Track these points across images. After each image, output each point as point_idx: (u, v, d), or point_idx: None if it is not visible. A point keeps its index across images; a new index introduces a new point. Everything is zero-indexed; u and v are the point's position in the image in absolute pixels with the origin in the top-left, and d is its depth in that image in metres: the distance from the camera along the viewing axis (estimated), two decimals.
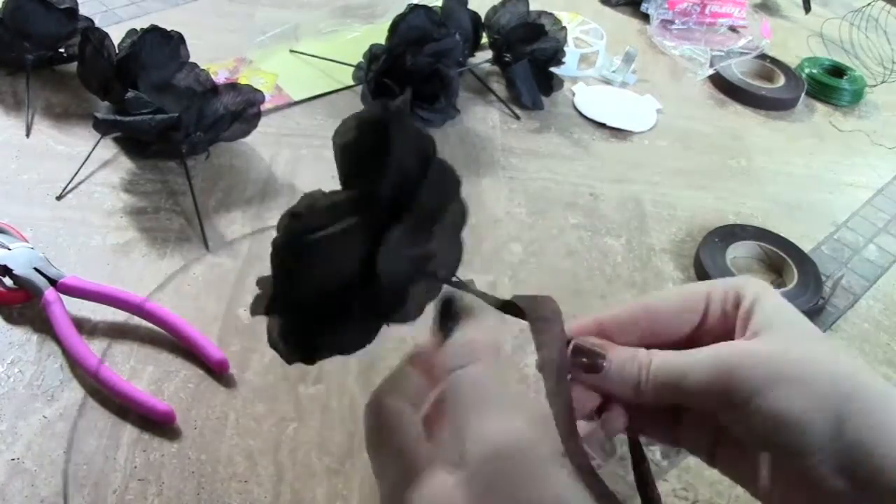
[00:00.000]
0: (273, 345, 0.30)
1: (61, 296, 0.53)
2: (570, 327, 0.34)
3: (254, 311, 0.30)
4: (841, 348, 0.30)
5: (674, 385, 0.30)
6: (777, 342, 0.30)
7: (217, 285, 0.58)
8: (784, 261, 0.67)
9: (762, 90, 0.91)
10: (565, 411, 0.29)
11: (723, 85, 0.92)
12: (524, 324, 0.32)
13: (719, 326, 0.33)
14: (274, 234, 0.28)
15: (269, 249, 0.28)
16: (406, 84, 0.73)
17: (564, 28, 0.84)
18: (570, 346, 0.32)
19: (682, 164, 0.79)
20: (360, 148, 0.28)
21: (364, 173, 0.28)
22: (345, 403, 0.52)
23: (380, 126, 0.28)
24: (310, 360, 0.30)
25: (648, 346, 0.32)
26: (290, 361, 0.31)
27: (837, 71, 0.96)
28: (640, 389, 0.31)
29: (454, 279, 0.31)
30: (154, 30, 0.67)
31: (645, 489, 0.34)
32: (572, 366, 0.32)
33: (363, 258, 0.28)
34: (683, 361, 0.30)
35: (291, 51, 0.86)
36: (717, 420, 0.31)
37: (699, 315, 0.33)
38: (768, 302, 0.31)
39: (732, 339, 0.32)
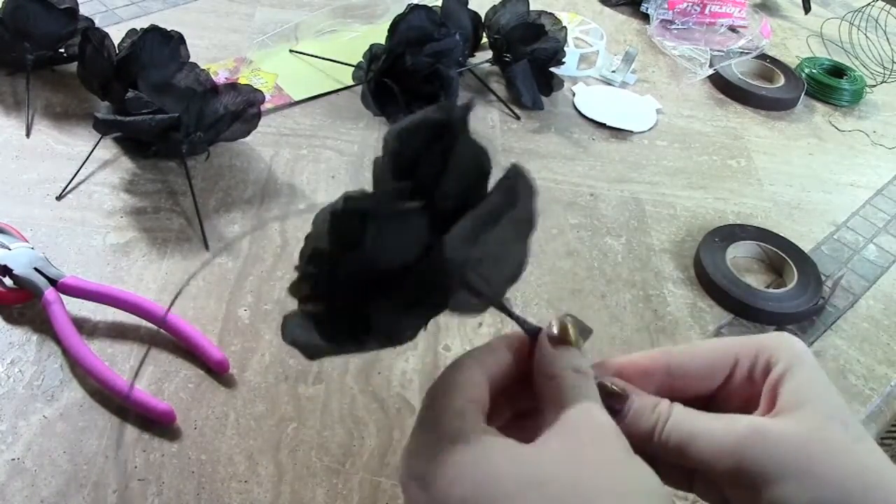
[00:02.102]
0: (293, 339, 0.29)
1: (61, 296, 0.53)
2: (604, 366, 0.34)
3: (296, 291, 0.29)
4: (865, 434, 0.29)
5: (685, 447, 0.30)
6: (799, 427, 0.29)
7: (217, 285, 0.58)
8: (784, 261, 0.67)
9: (762, 90, 0.91)
10: None
11: (723, 85, 0.92)
12: None
13: (744, 389, 0.32)
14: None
15: (309, 229, 0.28)
16: (406, 84, 0.73)
17: (564, 28, 0.84)
18: (599, 383, 0.32)
19: (682, 164, 0.79)
20: (419, 146, 0.28)
21: (420, 172, 0.28)
22: (345, 403, 0.52)
23: (441, 128, 0.28)
24: (342, 347, 0.29)
25: (670, 398, 0.32)
26: (315, 355, 0.29)
27: (837, 71, 0.96)
28: (652, 442, 0.30)
29: (495, 298, 0.31)
30: (154, 30, 0.67)
31: None
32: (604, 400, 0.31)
33: (423, 244, 0.27)
34: (700, 427, 0.30)
35: (291, 51, 0.86)
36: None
37: (724, 376, 0.32)
38: (801, 374, 0.30)
39: (756, 404, 0.31)
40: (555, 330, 0.32)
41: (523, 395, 0.32)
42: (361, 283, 0.28)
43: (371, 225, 0.26)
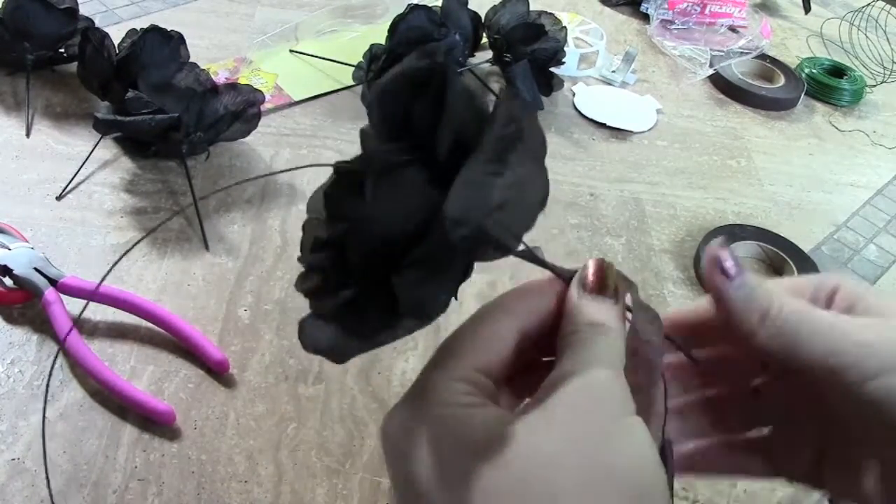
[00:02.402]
0: (316, 345, 0.26)
1: (61, 296, 0.53)
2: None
3: (304, 286, 0.26)
4: None
5: (804, 336, 0.27)
6: None
7: (217, 285, 0.58)
8: (784, 261, 0.67)
9: (762, 90, 0.91)
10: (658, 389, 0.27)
11: (723, 85, 0.92)
12: None
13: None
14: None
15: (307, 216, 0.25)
16: None
17: (564, 28, 0.84)
18: (708, 250, 0.29)
19: (682, 164, 0.79)
20: (406, 103, 0.25)
21: (414, 129, 0.25)
22: (345, 403, 0.52)
23: (427, 76, 0.25)
24: (372, 339, 0.26)
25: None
26: (344, 356, 0.26)
27: (837, 71, 0.96)
28: (761, 326, 0.28)
29: (522, 248, 0.27)
30: (154, 30, 0.67)
31: None
32: (710, 268, 0.29)
33: (432, 203, 0.24)
34: (826, 318, 0.28)
35: (291, 51, 0.86)
36: (821, 427, 0.29)
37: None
38: (874, 295, 0.29)
39: None
40: (589, 274, 0.28)
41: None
42: (376, 257, 0.25)
43: (369, 186, 0.24)
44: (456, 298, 0.26)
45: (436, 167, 0.25)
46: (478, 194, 0.24)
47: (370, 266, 0.25)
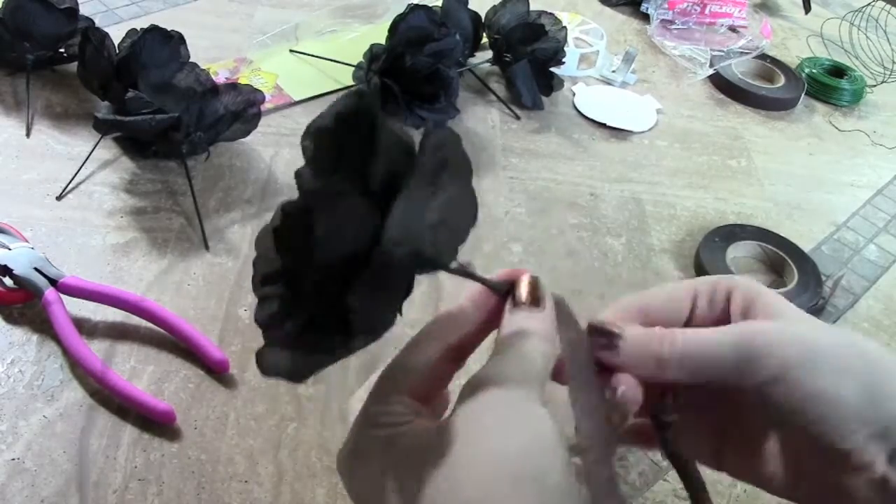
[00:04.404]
0: (276, 370, 0.28)
1: (61, 296, 0.53)
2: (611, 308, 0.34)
3: (262, 316, 0.28)
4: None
5: (702, 359, 0.30)
6: (798, 325, 0.30)
7: (217, 285, 0.58)
8: (784, 261, 0.67)
9: (762, 90, 0.91)
10: (589, 394, 0.29)
11: (723, 85, 0.92)
12: None
13: (708, 319, 0.33)
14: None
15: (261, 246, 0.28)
16: (406, 84, 0.73)
17: (564, 28, 0.84)
18: (587, 327, 0.32)
19: (682, 164, 0.79)
20: (340, 140, 0.27)
21: (346, 165, 0.27)
22: (345, 403, 0.52)
23: (356, 118, 0.27)
24: (328, 357, 0.28)
25: None
26: (302, 375, 0.28)
27: (837, 71, 0.96)
28: (662, 364, 0.31)
29: (455, 265, 0.30)
30: (154, 30, 0.67)
31: None
32: (595, 349, 0.31)
33: (374, 230, 0.26)
34: (710, 337, 0.30)
35: (291, 51, 0.86)
36: (722, 413, 0.31)
37: (688, 307, 0.34)
38: (769, 295, 0.32)
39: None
40: (522, 292, 0.31)
41: None
42: (326, 282, 0.27)
43: (316, 218, 0.26)
44: (401, 314, 0.28)
45: (372, 196, 0.27)
46: (414, 216, 0.26)
47: (322, 291, 0.27)
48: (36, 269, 0.54)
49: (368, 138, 0.27)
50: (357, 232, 0.27)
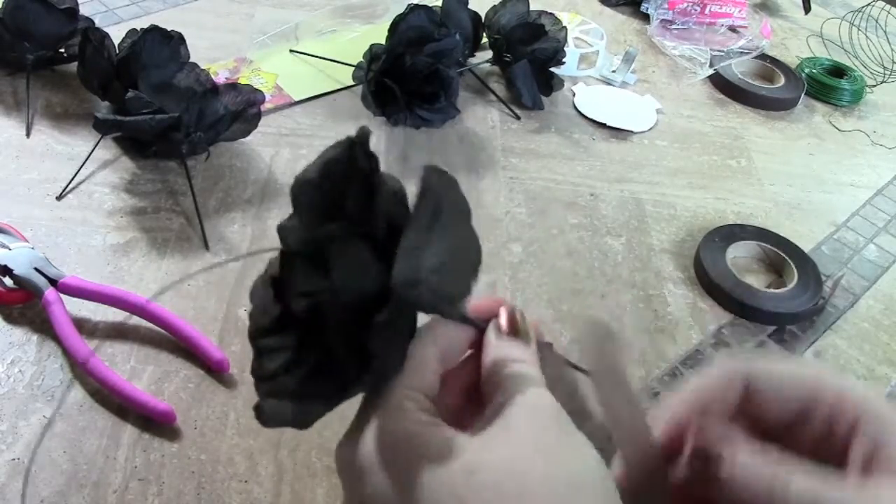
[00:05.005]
0: (280, 419, 0.28)
1: (61, 296, 0.53)
2: (670, 406, 0.31)
3: (266, 370, 0.29)
4: None
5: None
6: None
7: (217, 285, 0.58)
8: (784, 261, 0.67)
9: (762, 90, 0.91)
10: None
11: (723, 85, 0.92)
12: None
13: (820, 433, 0.30)
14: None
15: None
16: (406, 84, 0.73)
17: (564, 28, 0.84)
18: (691, 450, 0.30)
19: (682, 164, 0.79)
20: (330, 188, 0.28)
21: (340, 214, 0.28)
22: (345, 403, 0.51)
23: (345, 167, 0.28)
24: (335, 399, 0.29)
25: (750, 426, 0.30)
26: (306, 423, 0.29)
27: (837, 71, 0.96)
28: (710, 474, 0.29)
29: (464, 315, 0.30)
30: (154, 30, 0.67)
31: None
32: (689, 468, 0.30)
33: (380, 275, 0.27)
34: (832, 497, 0.27)
35: (291, 51, 0.86)
36: None
37: (798, 411, 0.31)
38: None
39: (835, 456, 0.29)
40: (503, 321, 0.31)
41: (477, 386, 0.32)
42: (343, 324, 0.27)
43: (333, 260, 0.27)
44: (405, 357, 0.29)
45: (375, 242, 0.28)
46: (418, 260, 0.27)
47: (340, 334, 0.27)
48: (36, 269, 0.54)
49: (363, 186, 0.27)
50: (369, 274, 0.27)
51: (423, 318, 0.30)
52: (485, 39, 0.86)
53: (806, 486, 0.28)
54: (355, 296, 0.27)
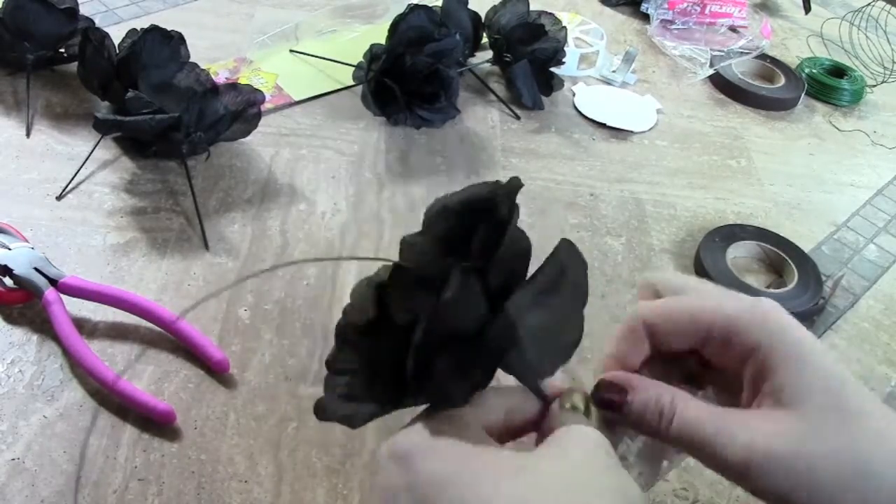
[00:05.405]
0: (338, 415, 0.30)
1: (61, 296, 0.53)
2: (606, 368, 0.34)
3: (338, 362, 0.31)
4: (862, 408, 0.30)
5: (693, 446, 0.31)
6: (794, 436, 0.29)
7: (217, 285, 0.58)
8: (784, 261, 0.67)
9: (762, 90, 0.91)
10: None
11: (723, 85, 0.92)
12: None
13: (720, 357, 0.33)
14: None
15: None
16: (406, 84, 0.73)
17: (564, 28, 0.84)
18: (596, 383, 0.33)
19: (682, 164, 0.79)
20: (467, 223, 0.29)
21: (467, 247, 0.29)
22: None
23: (484, 204, 0.29)
24: (388, 408, 0.30)
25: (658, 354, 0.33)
26: (361, 422, 0.30)
27: (837, 71, 0.96)
28: (659, 434, 0.31)
29: (539, 389, 0.32)
30: (154, 30, 0.67)
31: None
32: (597, 400, 0.32)
33: (483, 313, 0.29)
34: (706, 435, 0.30)
35: (291, 51, 0.86)
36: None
37: (698, 341, 0.33)
38: (785, 364, 0.30)
39: (736, 377, 0.32)
40: (569, 405, 0.32)
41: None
42: (435, 346, 0.28)
43: (453, 287, 0.28)
44: (470, 403, 0.31)
45: (489, 288, 0.29)
46: (519, 321, 0.29)
47: (421, 352, 0.28)
48: (36, 269, 0.54)
49: (495, 232, 0.29)
50: (474, 313, 0.29)
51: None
52: (485, 39, 0.86)
53: (692, 415, 0.31)
54: (453, 328, 0.28)
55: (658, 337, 0.34)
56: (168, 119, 0.62)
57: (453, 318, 0.28)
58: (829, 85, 0.93)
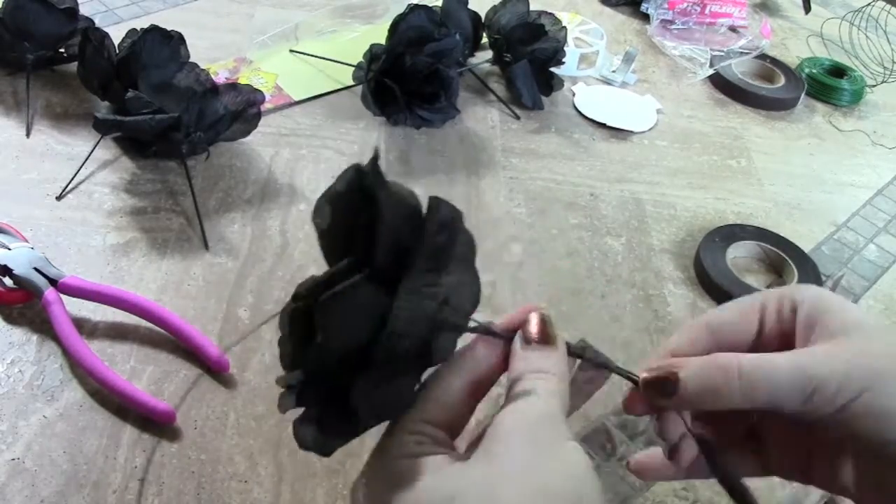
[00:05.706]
0: (305, 444, 0.30)
1: (61, 296, 0.53)
2: (648, 365, 0.33)
3: (283, 406, 0.31)
4: None
5: (765, 390, 0.29)
6: (862, 344, 0.30)
7: (217, 285, 0.58)
8: (784, 261, 0.67)
9: (762, 90, 0.91)
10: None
11: (723, 85, 0.92)
12: None
13: (776, 334, 0.33)
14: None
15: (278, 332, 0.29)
16: (406, 84, 0.73)
17: (564, 28, 0.84)
18: (641, 384, 0.32)
19: (682, 164, 0.79)
20: (341, 222, 0.28)
21: (354, 245, 0.28)
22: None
23: (358, 193, 0.27)
24: (350, 434, 0.30)
25: None
26: (328, 450, 0.30)
27: (837, 71, 0.96)
28: (725, 400, 0.30)
29: (476, 324, 0.30)
30: (154, 30, 0.67)
31: None
32: (649, 400, 0.31)
33: (381, 315, 0.27)
34: (770, 368, 0.30)
35: (291, 51, 0.86)
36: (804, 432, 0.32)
37: (756, 321, 0.33)
38: (834, 310, 0.31)
39: (792, 344, 0.32)
40: (532, 329, 0.31)
41: None
42: (336, 370, 0.28)
43: (321, 312, 0.27)
44: (419, 385, 0.29)
45: (380, 273, 0.27)
46: (419, 306, 0.27)
47: (329, 376, 0.28)
48: (36, 269, 0.54)
49: (371, 211, 0.27)
50: (363, 318, 0.27)
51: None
52: (485, 39, 0.86)
53: (750, 365, 0.30)
54: (343, 352, 0.28)
55: (720, 334, 0.34)
56: (168, 119, 0.62)
57: (337, 348, 0.27)
58: (829, 85, 0.93)
